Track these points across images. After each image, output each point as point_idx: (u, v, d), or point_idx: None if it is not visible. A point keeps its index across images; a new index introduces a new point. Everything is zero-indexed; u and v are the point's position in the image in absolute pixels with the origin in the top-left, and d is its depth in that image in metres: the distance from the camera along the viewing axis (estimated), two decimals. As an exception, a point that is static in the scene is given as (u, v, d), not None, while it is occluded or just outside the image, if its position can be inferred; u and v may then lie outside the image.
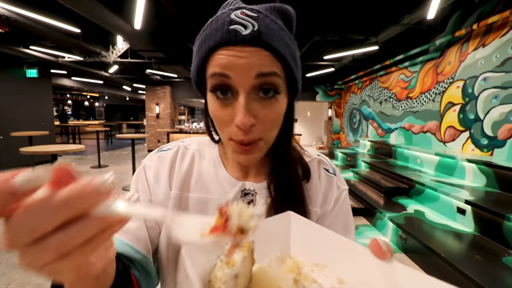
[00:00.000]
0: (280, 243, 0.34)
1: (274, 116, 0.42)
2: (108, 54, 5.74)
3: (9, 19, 3.66)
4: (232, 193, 0.50)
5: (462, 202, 2.38)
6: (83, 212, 0.17)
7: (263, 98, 0.40)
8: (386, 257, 0.26)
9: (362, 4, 4.01)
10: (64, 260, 0.18)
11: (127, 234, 0.44)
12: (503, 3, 3.04)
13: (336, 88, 8.67)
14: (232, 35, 0.38)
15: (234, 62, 0.38)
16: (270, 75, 0.39)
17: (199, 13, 4.28)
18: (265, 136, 0.43)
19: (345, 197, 0.56)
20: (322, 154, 0.60)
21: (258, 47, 0.39)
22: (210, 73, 0.40)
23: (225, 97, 0.41)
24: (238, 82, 0.39)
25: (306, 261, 0.31)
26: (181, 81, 9.21)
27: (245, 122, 0.38)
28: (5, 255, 2.45)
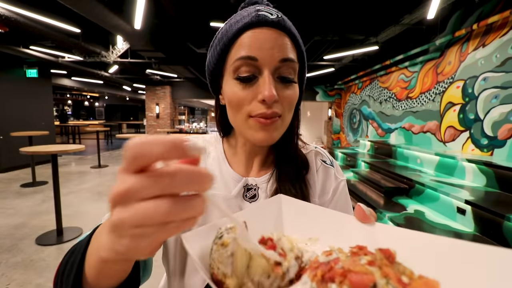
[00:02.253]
0: (273, 223, 0.36)
1: (292, 98, 0.46)
2: (108, 54, 5.74)
3: (9, 19, 3.66)
4: (236, 189, 0.51)
5: (462, 202, 2.38)
6: (196, 192, 0.20)
7: (282, 81, 0.45)
8: (370, 220, 0.29)
9: (362, 4, 4.01)
10: (159, 230, 0.19)
11: None
12: (503, 3, 3.03)
13: (336, 88, 8.67)
14: (261, 18, 0.44)
15: (262, 41, 0.43)
16: (292, 62, 0.44)
17: (198, 13, 4.28)
18: (283, 115, 0.46)
19: (343, 187, 0.57)
20: (319, 146, 0.61)
21: (282, 31, 0.44)
22: (236, 57, 0.44)
23: (248, 79, 0.44)
24: (264, 63, 0.43)
25: (299, 238, 0.34)
26: (181, 81, 9.20)
27: (272, 95, 0.42)
28: (5, 255, 2.45)
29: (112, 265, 0.27)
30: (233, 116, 0.48)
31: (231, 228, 0.28)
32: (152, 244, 0.20)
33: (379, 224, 0.29)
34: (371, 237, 0.29)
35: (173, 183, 0.18)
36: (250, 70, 0.43)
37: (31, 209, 3.48)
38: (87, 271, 0.29)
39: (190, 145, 0.18)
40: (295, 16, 0.55)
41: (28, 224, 3.10)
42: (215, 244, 0.26)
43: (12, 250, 2.54)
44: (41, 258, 2.42)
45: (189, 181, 0.18)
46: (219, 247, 0.26)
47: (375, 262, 0.22)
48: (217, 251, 0.25)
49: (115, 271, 0.29)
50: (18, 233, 2.89)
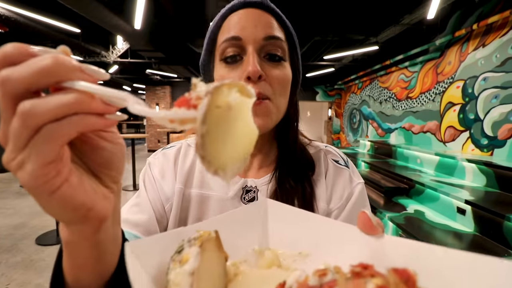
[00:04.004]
0: (257, 233, 0.30)
1: (281, 77, 0.44)
2: (108, 54, 5.74)
3: (9, 19, 3.66)
4: (233, 191, 0.49)
5: (462, 202, 2.37)
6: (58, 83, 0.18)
7: (270, 60, 0.44)
8: (376, 232, 0.23)
9: (362, 4, 4.01)
10: (32, 142, 0.18)
11: (138, 227, 0.45)
12: (503, 3, 3.03)
13: (336, 88, 8.66)
14: (243, 1, 0.44)
15: (245, 20, 0.43)
16: (279, 40, 0.44)
17: (198, 13, 4.28)
18: (274, 98, 0.44)
19: (361, 192, 0.50)
20: (330, 145, 0.56)
21: (265, 11, 0.44)
22: (221, 40, 0.44)
23: (234, 61, 0.43)
24: (247, 40, 0.42)
25: (287, 251, 0.28)
26: (181, 81, 9.20)
27: (255, 70, 0.40)
28: (5, 255, 2.45)
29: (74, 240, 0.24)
30: None
31: (196, 238, 0.22)
32: (37, 163, 0.18)
33: (389, 236, 0.23)
34: (379, 253, 0.23)
35: (22, 80, 0.17)
36: (235, 51, 0.43)
37: (31, 209, 3.48)
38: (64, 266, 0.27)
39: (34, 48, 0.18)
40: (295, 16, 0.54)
41: (28, 224, 3.10)
42: (173, 260, 0.21)
43: (12, 250, 2.54)
44: (41, 258, 2.42)
45: (34, 70, 0.17)
46: (176, 264, 0.21)
47: (388, 287, 0.16)
48: (174, 270, 0.21)
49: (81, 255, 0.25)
50: (18, 233, 2.89)
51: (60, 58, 0.18)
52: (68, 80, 0.18)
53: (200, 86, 0.19)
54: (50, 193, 0.19)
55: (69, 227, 0.24)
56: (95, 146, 0.22)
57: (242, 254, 0.28)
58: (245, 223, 0.30)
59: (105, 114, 0.20)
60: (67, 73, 0.18)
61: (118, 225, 0.29)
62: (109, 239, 0.26)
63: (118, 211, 0.28)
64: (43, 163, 0.18)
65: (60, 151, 0.19)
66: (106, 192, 0.24)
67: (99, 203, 0.23)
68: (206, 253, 0.22)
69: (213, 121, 0.18)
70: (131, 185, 4.95)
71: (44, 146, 0.18)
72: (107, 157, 0.23)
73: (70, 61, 0.18)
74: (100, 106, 0.19)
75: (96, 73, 0.19)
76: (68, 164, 0.20)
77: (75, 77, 0.18)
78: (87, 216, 0.22)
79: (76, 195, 0.21)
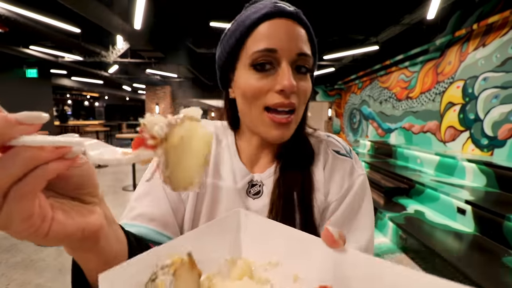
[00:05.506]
0: (230, 244, 0.32)
1: (307, 89, 0.45)
2: (108, 54, 5.74)
3: (9, 19, 3.66)
4: (241, 183, 0.50)
5: (462, 202, 2.37)
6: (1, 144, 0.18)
7: (298, 73, 0.44)
8: (338, 245, 0.26)
9: (362, 4, 4.01)
10: (6, 204, 0.18)
11: (154, 221, 0.45)
12: (503, 3, 3.03)
13: (336, 88, 8.66)
14: (281, 8, 0.43)
15: (281, 31, 0.43)
16: (308, 57, 0.44)
17: (198, 13, 4.28)
18: (298, 109, 0.45)
19: (361, 184, 0.49)
20: (332, 135, 0.55)
21: (299, 24, 0.44)
22: (254, 49, 0.43)
23: (265, 70, 0.43)
24: (283, 54, 0.42)
25: (258, 261, 0.30)
26: (181, 81, 9.20)
27: (292, 84, 0.41)
28: (5, 255, 2.45)
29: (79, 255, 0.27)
30: (246, 109, 0.46)
31: (169, 266, 0.22)
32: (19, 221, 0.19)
33: (351, 250, 0.25)
34: (338, 267, 0.25)
35: None
36: (268, 61, 0.43)
37: (31, 209, 3.47)
38: None
39: None
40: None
41: (28, 224, 3.10)
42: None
43: (12, 250, 2.54)
44: (40, 258, 2.42)
45: None
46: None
47: None
48: None
49: (91, 263, 0.28)
50: (18, 233, 2.89)
51: None
52: (11, 138, 0.18)
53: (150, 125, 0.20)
54: (44, 236, 0.20)
55: (71, 246, 0.25)
56: (64, 177, 0.23)
57: (216, 266, 0.29)
58: (218, 234, 0.31)
59: (63, 155, 0.20)
60: (8, 133, 0.17)
61: (116, 225, 0.30)
62: (111, 242, 0.28)
63: (109, 216, 0.29)
64: (24, 219, 0.19)
65: (35, 202, 0.19)
66: (91, 208, 0.25)
67: (89, 220, 0.24)
68: (180, 279, 0.22)
69: (173, 158, 0.20)
70: (131, 185, 4.95)
71: (18, 206, 0.18)
72: (77, 181, 0.24)
73: (4, 117, 0.18)
74: (55, 153, 0.19)
75: (35, 119, 0.19)
76: (47, 206, 0.21)
77: (17, 132, 0.18)
78: (83, 236, 0.23)
79: (67, 226, 0.22)
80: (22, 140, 0.18)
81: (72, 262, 0.30)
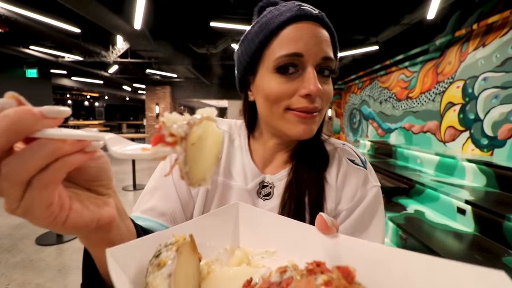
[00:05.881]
0: (228, 234, 0.34)
1: (330, 92, 0.46)
2: (108, 54, 5.73)
3: (9, 19, 3.66)
4: (252, 184, 0.50)
5: (462, 202, 2.37)
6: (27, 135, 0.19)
7: (322, 77, 0.45)
8: (331, 232, 0.27)
9: (362, 4, 4.01)
10: (28, 192, 0.19)
11: (164, 216, 0.46)
12: (503, 3, 3.03)
13: (336, 88, 8.66)
14: (306, 11, 0.43)
15: (307, 35, 0.42)
16: (331, 60, 0.44)
17: (198, 13, 4.28)
18: (322, 110, 0.46)
19: (375, 196, 0.48)
20: (348, 144, 0.55)
21: (324, 27, 0.44)
22: (280, 53, 0.43)
23: (289, 73, 0.43)
24: (309, 58, 0.42)
25: (256, 250, 0.32)
26: (181, 81, 9.20)
27: (318, 89, 0.41)
28: (5, 255, 2.45)
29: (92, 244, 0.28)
30: (267, 110, 0.46)
31: (172, 243, 0.24)
32: (40, 209, 0.20)
33: (343, 236, 0.27)
34: (332, 250, 0.26)
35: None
36: (293, 64, 0.43)
37: (31, 209, 3.48)
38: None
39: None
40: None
41: (28, 224, 3.10)
42: (151, 264, 0.23)
43: (12, 250, 2.54)
44: (40, 258, 2.42)
45: (1, 131, 0.17)
46: (155, 268, 0.22)
47: (332, 282, 0.19)
48: (152, 273, 0.22)
49: (97, 249, 0.29)
50: (18, 233, 2.89)
51: (21, 112, 0.18)
52: (35, 131, 0.19)
53: (169, 123, 0.21)
54: (61, 224, 0.22)
55: (85, 235, 0.27)
56: (82, 168, 0.24)
57: (215, 254, 0.30)
58: (218, 225, 0.33)
59: (83, 149, 0.21)
60: (33, 125, 0.18)
61: (127, 218, 0.32)
62: (123, 233, 0.30)
63: (121, 208, 0.30)
64: (45, 207, 0.20)
65: (56, 192, 0.21)
66: (105, 199, 0.27)
67: (103, 211, 0.26)
68: (181, 257, 0.23)
69: (191, 155, 0.21)
70: (131, 185, 4.95)
71: (40, 194, 0.19)
72: (94, 173, 0.25)
73: (31, 110, 0.18)
74: (75, 146, 0.20)
75: (58, 113, 0.20)
76: (66, 196, 0.22)
77: (41, 126, 0.19)
78: (97, 226, 0.25)
79: (83, 216, 0.23)
80: (46, 132, 0.19)
81: (83, 251, 0.32)
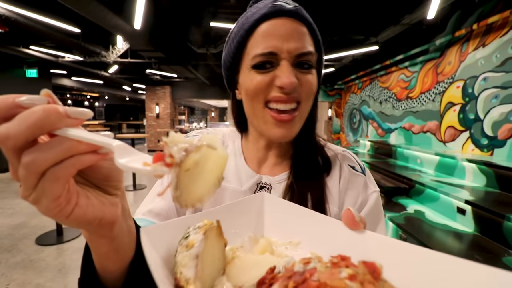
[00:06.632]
0: (253, 223, 0.34)
1: (311, 83, 0.45)
2: (108, 54, 5.74)
3: (9, 19, 3.66)
4: (248, 184, 0.50)
5: (462, 202, 2.37)
6: (49, 131, 0.21)
7: (301, 69, 0.44)
8: (358, 227, 0.27)
9: (362, 4, 4.01)
10: (41, 183, 0.21)
11: (159, 216, 0.47)
12: (503, 3, 3.03)
13: (336, 88, 8.66)
14: (278, 7, 0.43)
15: (280, 32, 0.42)
16: (308, 55, 0.44)
17: (198, 13, 4.28)
18: (301, 105, 0.45)
19: (375, 201, 0.49)
20: (348, 150, 0.56)
21: (299, 20, 0.44)
22: (255, 53, 0.43)
23: (265, 69, 0.43)
24: (282, 55, 0.42)
25: (279, 240, 0.32)
26: (181, 81, 9.20)
27: (291, 81, 0.41)
28: (5, 255, 2.45)
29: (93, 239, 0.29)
30: (250, 107, 0.46)
31: (200, 227, 0.26)
32: (50, 199, 0.21)
33: (370, 232, 0.26)
34: (359, 246, 0.26)
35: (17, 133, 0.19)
36: (268, 61, 0.43)
37: (31, 209, 3.48)
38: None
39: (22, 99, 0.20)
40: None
41: (28, 224, 3.10)
42: (180, 245, 0.25)
43: (12, 250, 2.54)
44: (41, 258, 2.42)
45: (29, 125, 0.19)
46: (183, 248, 0.24)
47: (357, 277, 0.19)
48: (181, 253, 0.24)
49: (102, 249, 0.30)
50: (18, 233, 2.89)
51: (49, 110, 0.20)
52: (58, 128, 0.21)
53: (171, 144, 0.22)
54: (66, 217, 0.23)
55: (87, 230, 0.28)
56: (95, 167, 0.26)
57: (239, 241, 0.31)
58: (243, 213, 0.33)
59: (97, 150, 0.23)
60: (57, 123, 0.20)
61: (130, 219, 0.32)
62: (124, 233, 0.30)
63: (126, 209, 0.31)
64: (54, 199, 0.21)
65: (65, 186, 0.22)
66: (112, 199, 0.27)
67: (108, 211, 0.26)
68: (208, 240, 0.25)
69: (183, 181, 0.21)
70: (131, 185, 4.96)
71: (51, 186, 0.21)
72: (106, 172, 0.26)
73: (57, 110, 0.20)
74: (89, 147, 0.22)
75: (81, 115, 0.22)
76: (74, 191, 0.24)
77: (64, 124, 0.21)
78: (100, 223, 0.26)
79: (87, 213, 0.24)
80: (65, 132, 0.21)
81: (85, 246, 0.33)
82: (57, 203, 0.22)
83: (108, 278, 0.32)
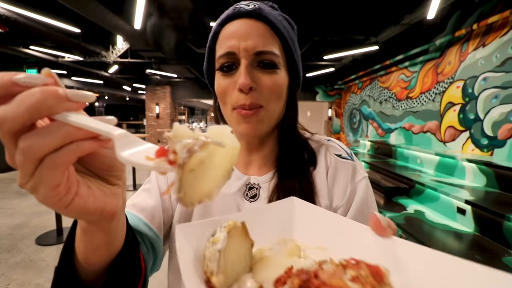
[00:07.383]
0: (282, 226, 0.35)
1: (273, 84, 0.45)
2: (108, 54, 5.74)
3: (9, 19, 3.66)
4: (237, 186, 0.50)
5: (462, 202, 2.37)
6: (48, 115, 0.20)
7: (263, 69, 0.44)
8: (387, 234, 0.26)
9: (362, 4, 4.01)
10: (38, 170, 0.20)
11: (144, 211, 0.47)
12: (503, 3, 3.03)
13: (336, 88, 8.67)
14: (236, 10, 0.45)
15: (238, 33, 0.43)
16: (268, 54, 0.44)
17: (198, 13, 4.28)
18: (266, 105, 0.45)
19: (365, 187, 0.49)
20: (332, 138, 0.55)
21: (258, 20, 0.44)
22: (218, 54, 0.45)
23: (229, 70, 0.45)
24: (241, 55, 0.43)
25: (307, 244, 0.32)
26: (181, 81, 9.20)
27: (245, 83, 0.42)
28: (5, 255, 2.45)
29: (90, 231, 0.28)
30: (223, 110, 0.48)
31: (225, 226, 0.27)
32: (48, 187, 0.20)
33: (398, 239, 0.26)
34: (389, 253, 0.25)
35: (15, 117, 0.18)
36: (230, 62, 0.45)
37: (31, 209, 3.48)
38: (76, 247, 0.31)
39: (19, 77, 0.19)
40: (295, 16, 0.54)
41: (28, 224, 3.10)
42: (208, 241, 0.27)
43: (12, 250, 2.54)
44: (41, 258, 2.42)
45: (27, 108, 0.18)
46: (210, 244, 0.26)
47: (359, 279, 0.20)
48: (208, 248, 0.26)
49: (96, 241, 0.29)
50: (18, 233, 2.89)
51: (48, 92, 0.19)
52: (57, 112, 0.20)
53: (175, 139, 0.21)
54: (65, 207, 0.22)
55: (87, 220, 0.27)
56: (96, 155, 0.25)
57: (268, 243, 0.32)
58: (274, 217, 0.35)
59: (97, 136, 0.22)
60: (56, 106, 0.19)
61: (124, 213, 0.32)
62: (119, 226, 0.30)
63: (125, 201, 0.31)
64: (52, 187, 0.20)
65: (65, 174, 0.21)
66: (114, 189, 0.27)
67: (109, 202, 0.26)
68: (232, 238, 0.26)
69: (187, 181, 0.20)
70: (131, 185, 4.95)
71: (49, 173, 0.20)
72: (108, 162, 0.26)
73: (56, 92, 0.19)
74: (90, 133, 0.21)
75: (83, 98, 0.21)
76: (75, 180, 0.23)
77: (64, 107, 0.20)
78: (101, 215, 0.25)
79: (88, 203, 0.23)
80: (63, 117, 0.20)
81: (68, 234, 0.32)
82: (56, 191, 0.21)
83: (89, 270, 0.31)
